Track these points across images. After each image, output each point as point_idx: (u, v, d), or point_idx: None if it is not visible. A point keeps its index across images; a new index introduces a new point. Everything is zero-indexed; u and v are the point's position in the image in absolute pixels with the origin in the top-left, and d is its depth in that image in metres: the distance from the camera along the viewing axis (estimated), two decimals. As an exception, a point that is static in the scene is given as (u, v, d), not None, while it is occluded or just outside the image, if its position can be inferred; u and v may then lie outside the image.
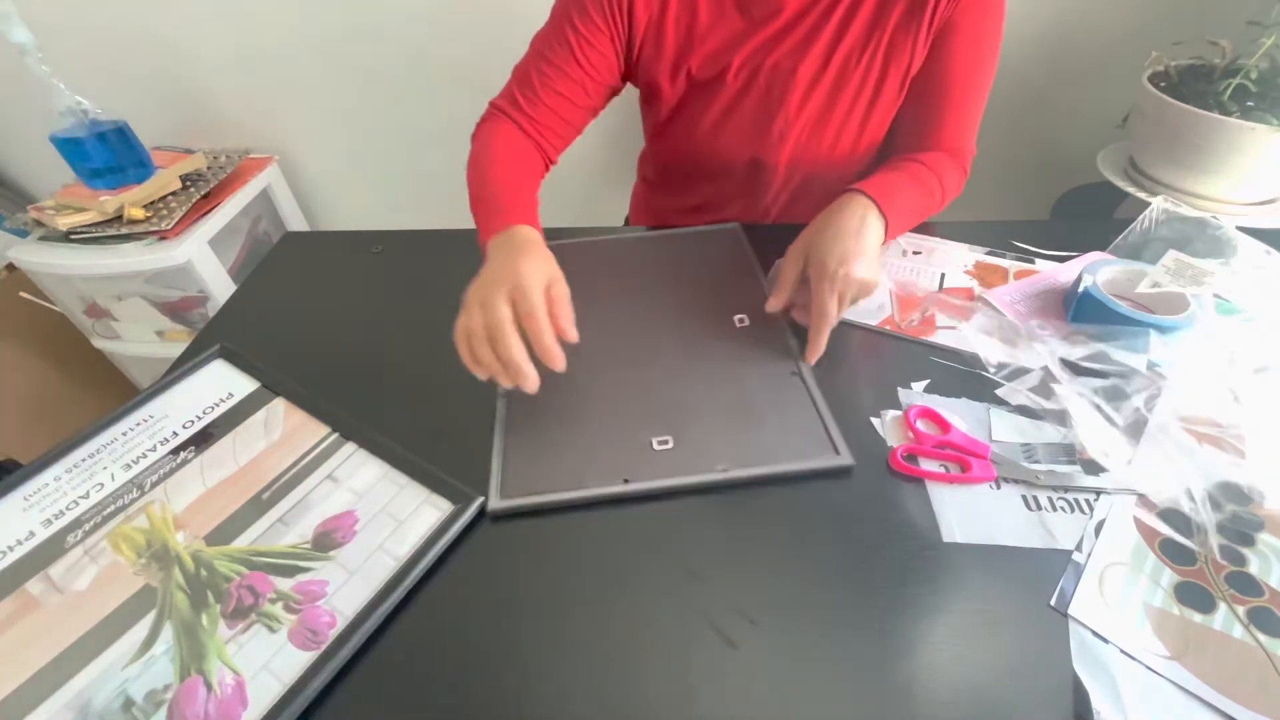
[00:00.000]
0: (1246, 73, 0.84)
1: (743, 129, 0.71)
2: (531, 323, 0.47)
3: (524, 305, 0.47)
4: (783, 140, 0.71)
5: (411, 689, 0.38)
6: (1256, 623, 0.38)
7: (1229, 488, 0.45)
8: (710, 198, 0.81)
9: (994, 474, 0.47)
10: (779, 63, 0.66)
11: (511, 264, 0.49)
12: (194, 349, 0.62)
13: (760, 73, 0.66)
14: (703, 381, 0.56)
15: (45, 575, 0.44)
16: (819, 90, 0.67)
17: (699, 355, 0.58)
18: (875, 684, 0.37)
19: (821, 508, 0.46)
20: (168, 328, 1.30)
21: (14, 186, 1.48)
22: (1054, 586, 0.41)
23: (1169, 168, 0.92)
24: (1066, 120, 1.23)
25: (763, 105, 0.69)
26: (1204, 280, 0.57)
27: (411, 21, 1.21)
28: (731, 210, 0.80)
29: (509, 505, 0.46)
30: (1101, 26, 1.11)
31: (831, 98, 0.68)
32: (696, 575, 0.42)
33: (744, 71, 0.67)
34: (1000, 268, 0.68)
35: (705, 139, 0.74)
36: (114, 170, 1.13)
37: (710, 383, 0.56)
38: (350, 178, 1.48)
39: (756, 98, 0.68)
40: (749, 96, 0.69)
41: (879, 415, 0.52)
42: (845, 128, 0.70)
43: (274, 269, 0.76)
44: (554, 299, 0.50)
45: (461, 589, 0.43)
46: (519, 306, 0.47)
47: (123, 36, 1.24)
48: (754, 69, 0.66)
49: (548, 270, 0.51)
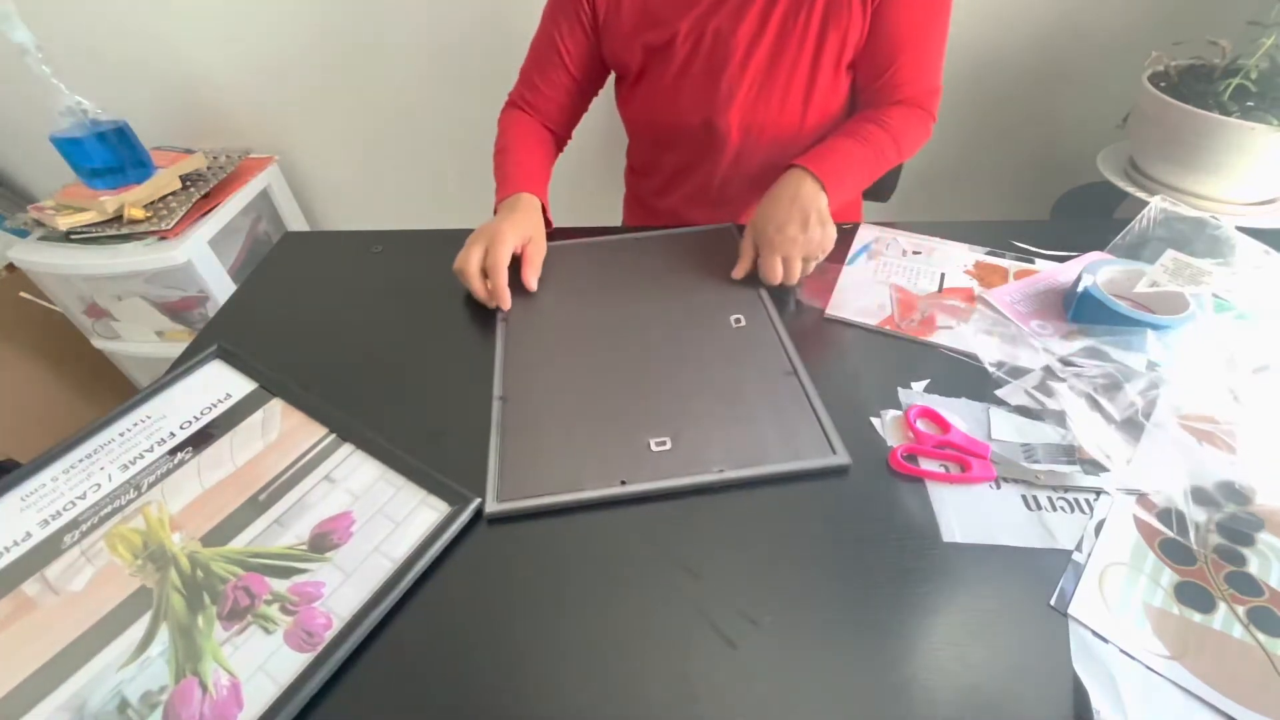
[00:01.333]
0: (1246, 73, 0.84)
1: (694, 92, 0.76)
2: (493, 273, 0.63)
3: (490, 258, 0.63)
4: (730, 100, 0.75)
5: (408, 691, 0.38)
6: (1256, 622, 0.38)
7: (1229, 487, 0.45)
8: (676, 167, 0.86)
9: (994, 474, 0.47)
10: (720, 26, 0.71)
11: (497, 223, 0.66)
12: (194, 349, 0.62)
13: (704, 38, 0.72)
14: (699, 382, 0.56)
15: (41, 576, 0.44)
16: (759, 52, 0.72)
17: (695, 356, 0.58)
18: (875, 684, 0.37)
19: (821, 507, 0.46)
20: (167, 328, 1.30)
21: (14, 186, 1.48)
22: (1054, 586, 0.40)
23: (1169, 168, 0.92)
24: (1066, 120, 1.23)
25: (708, 68, 0.74)
26: (1202, 280, 0.57)
27: (411, 22, 1.21)
28: (696, 179, 0.84)
29: (506, 508, 0.46)
30: (1101, 26, 1.11)
31: (773, 59, 0.72)
32: (696, 575, 0.42)
33: (690, 37, 0.72)
34: (1000, 268, 0.67)
35: (662, 106, 0.79)
36: (114, 170, 1.13)
37: (707, 383, 0.55)
38: (350, 178, 1.48)
39: (703, 62, 0.74)
40: (696, 61, 0.74)
41: (879, 415, 0.52)
42: (790, 90, 0.74)
43: (274, 269, 0.76)
44: (526, 255, 0.66)
45: (458, 591, 0.42)
46: (488, 258, 0.63)
47: (123, 36, 1.24)
48: (699, 34, 0.72)
49: (524, 230, 0.67)
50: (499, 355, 0.59)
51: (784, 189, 0.65)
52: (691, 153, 0.82)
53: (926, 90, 0.73)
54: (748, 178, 0.82)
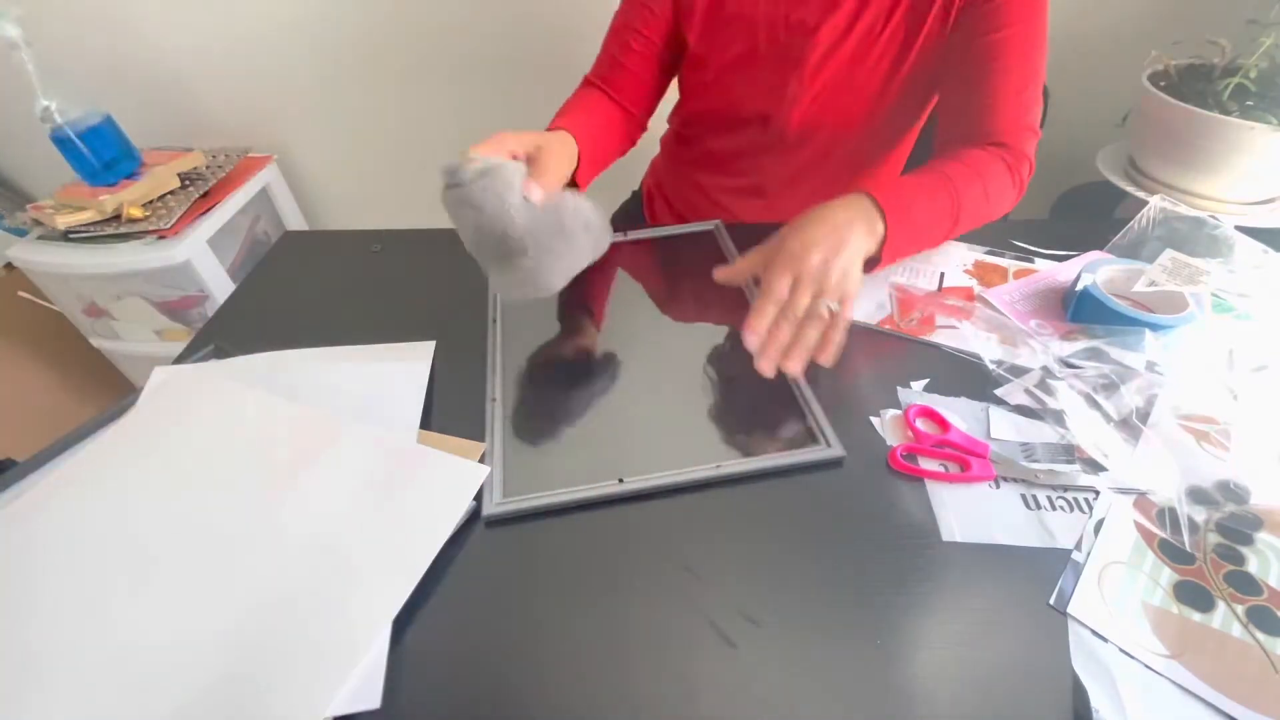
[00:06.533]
0: (1246, 72, 0.84)
1: (759, 84, 0.70)
2: None
3: None
4: (796, 102, 0.69)
5: (405, 692, 0.38)
6: (1255, 622, 0.38)
7: (1228, 487, 0.45)
8: (719, 151, 0.80)
9: (994, 473, 0.47)
10: (805, 19, 0.64)
11: None
12: (193, 348, 0.62)
13: (781, 26, 0.65)
14: (693, 379, 0.56)
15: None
16: (839, 54, 0.66)
17: (693, 354, 0.58)
18: (875, 683, 0.37)
19: (821, 506, 0.46)
20: (166, 327, 1.30)
21: (13, 186, 1.47)
22: (1053, 585, 0.41)
23: (1168, 167, 0.92)
24: (1066, 119, 1.23)
25: (779, 62, 0.68)
26: (1200, 279, 0.57)
27: (411, 20, 1.21)
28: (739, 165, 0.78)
29: (503, 509, 0.46)
30: (1101, 26, 1.11)
31: (852, 64, 0.66)
32: (696, 575, 0.42)
33: (767, 22, 0.66)
34: (999, 267, 0.68)
35: (720, 90, 0.73)
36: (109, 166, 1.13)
37: (700, 380, 0.56)
38: (350, 177, 1.48)
39: (777, 53, 0.67)
40: (769, 50, 0.67)
41: (878, 414, 0.52)
42: (860, 97, 0.69)
43: (273, 268, 0.76)
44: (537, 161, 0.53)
45: (456, 592, 0.42)
46: None
47: (120, 33, 1.23)
48: (778, 21, 0.65)
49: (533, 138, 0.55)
50: (496, 356, 0.59)
51: (836, 212, 0.52)
52: (740, 141, 0.77)
53: (1019, 139, 0.62)
54: (790, 174, 0.77)
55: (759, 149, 0.76)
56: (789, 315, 0.47)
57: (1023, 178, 0.63)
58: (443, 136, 1.37)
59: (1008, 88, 0.62)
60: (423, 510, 0.45)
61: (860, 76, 0.67)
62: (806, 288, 0.48)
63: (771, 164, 0.77)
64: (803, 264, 0.48)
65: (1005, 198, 0.62)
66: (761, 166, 0.78)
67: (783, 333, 0.47)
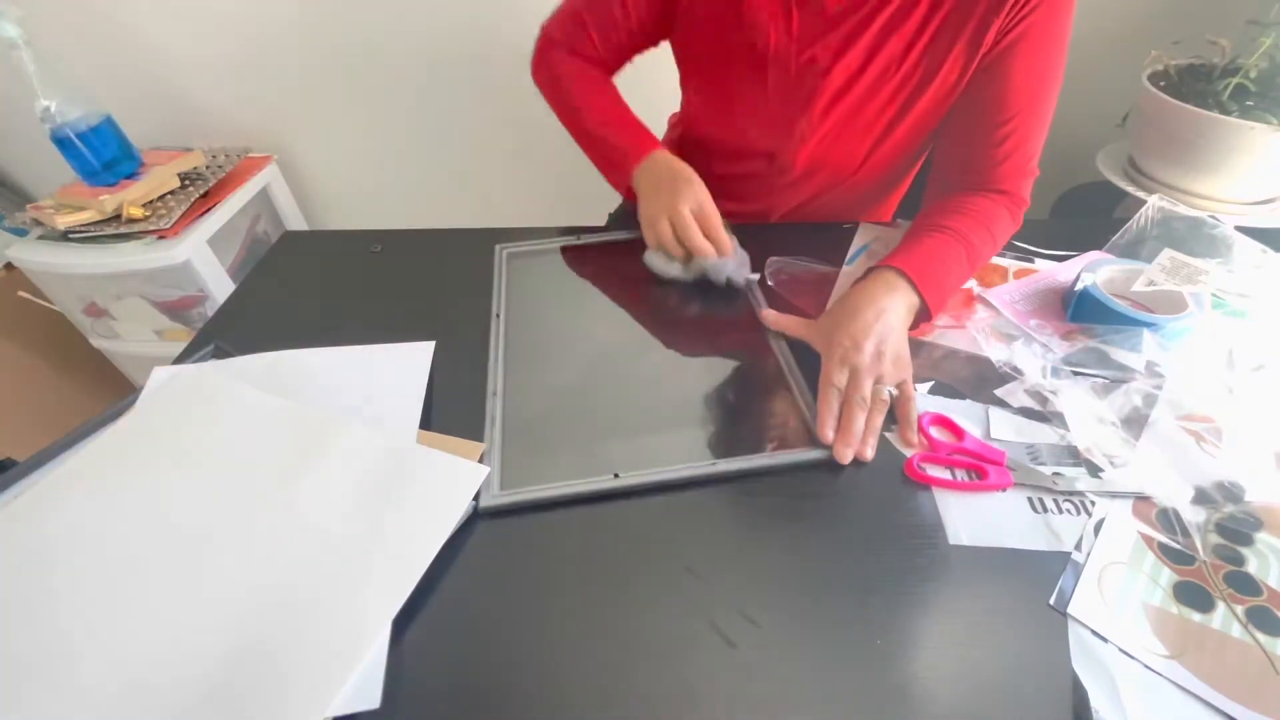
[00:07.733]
0: (1246, 72, 0.84)
1: (765, 123, 0.69)
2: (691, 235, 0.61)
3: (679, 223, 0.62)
4: (804, 142, 0.68)
5: (403, 687, 0.38)
6: (1255, 622, 0.38)
7: (1227, 487, 0.45)
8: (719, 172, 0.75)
9: (1010, 480, 0.46)
10: (815, 58, 0.61)
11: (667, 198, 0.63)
12: (193, 348, 0.62)
13: (793, 64, 0.62)
14: (690, 377, 0.56)
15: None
16: (850, 96, 0.64)
17: (690, 353, 0.59)
18: (875, 683, 0.37)
19: (822, 507, 0.46)
20: (166, 327, 1.30)
21: (13, 186, 1.47)
22: (1053, 586, 0.41)
23: (1168, 167, 0.92)
24: (1066, 119, 1.23)
25: (788, 101, 0.65)
26: (1199, 279, 0.57)
27: (411, 20, 1.21)
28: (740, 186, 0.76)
29: (501, 501, 0.46)
30: (1101, 26, 1.11)
31: (861, 103, 0.64)
32: (696, 575, 0.42)
33: (779, 60, 0.63)
34: (999, 267, 0.68)
35: (725, 123, 0.72)
36: (109, 166, 1.13)
37: (698, 378, 0.56)
38: (349, 177, 1.48)
39: (786, 92, 0.65)
40: (778, 89, 0.65)
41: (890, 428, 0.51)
42: (866, 135, 0.67)
43: (273, 268, 0.76)
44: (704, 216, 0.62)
45: (454, 585, 0.42)
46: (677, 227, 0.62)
47: (121, 35, 1.23)
48: (790, 58, 0.62)
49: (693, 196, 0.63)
50: (496, 353, 0.59)
51: (879, 298, 0.54)
52: (744, 169, 0.75)
53: (1021, 187, 0.63)
54: (792, 200, 0.77)
55: (762, 178, 0.75)
56: (857, 404, 0.50)
57: (1020, 216, 0.65)
58: (443, 136, 1.37)
59: (1016, 140, 0.61)
60: (422, 510, 0.45)
61: (868, 117, 0.65)
62: (865, 379, 0.51)
63: (775, 194, 0.76)
64: (857, 358, 0.51)
65: (1007, 236, 0.64)
66: (764, 194, 0.77)
67: (856, 424, 0.49)
